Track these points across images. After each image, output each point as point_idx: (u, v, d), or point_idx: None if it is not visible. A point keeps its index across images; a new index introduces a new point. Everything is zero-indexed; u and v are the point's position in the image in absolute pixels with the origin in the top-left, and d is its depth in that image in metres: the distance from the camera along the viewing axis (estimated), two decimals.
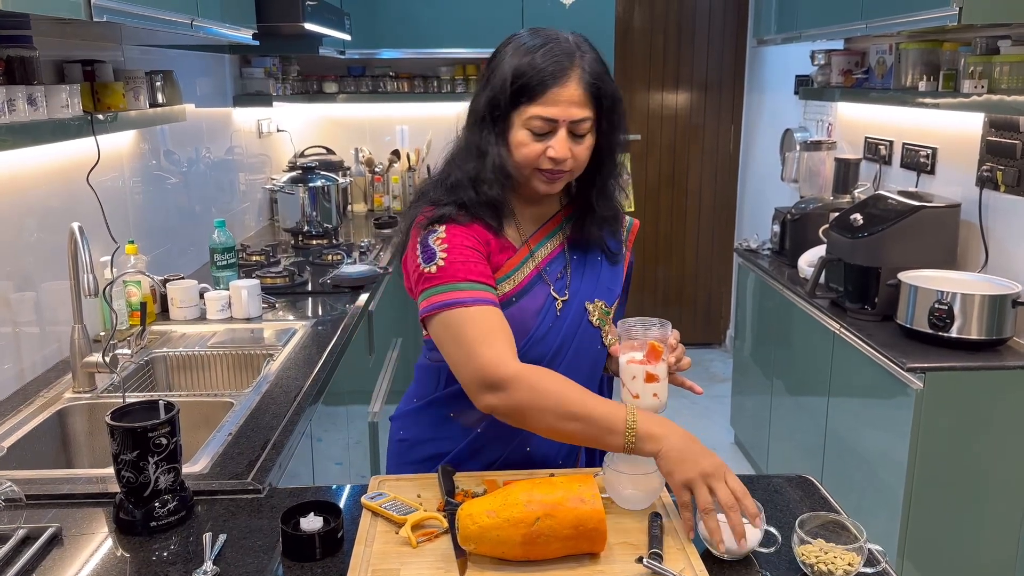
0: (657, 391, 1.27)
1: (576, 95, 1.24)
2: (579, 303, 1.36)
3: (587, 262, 1.39)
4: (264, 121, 3.85)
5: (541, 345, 1.32)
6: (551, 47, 1.25)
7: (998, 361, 2.17)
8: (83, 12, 1.39)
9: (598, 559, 1.13)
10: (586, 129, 1.27)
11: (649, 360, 1.26)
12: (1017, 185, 2.34)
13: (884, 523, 2.29)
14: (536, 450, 1.38)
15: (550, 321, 1.33)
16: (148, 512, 1.24)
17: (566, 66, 1.24)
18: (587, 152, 1.29)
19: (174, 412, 1.25)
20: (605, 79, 1.27)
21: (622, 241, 1.45)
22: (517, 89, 1.25)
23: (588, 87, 1.24)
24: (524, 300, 1.32)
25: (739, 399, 3.70)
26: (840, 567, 1.11)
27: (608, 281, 1.40)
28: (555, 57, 1.24)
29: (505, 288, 1.31)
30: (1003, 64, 2.21)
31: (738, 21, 4.73)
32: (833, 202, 3.08)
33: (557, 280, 1.35)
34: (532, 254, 1.35)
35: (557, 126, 1.25)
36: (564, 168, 1.28)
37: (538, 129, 1.25)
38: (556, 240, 1.38)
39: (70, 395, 1.82)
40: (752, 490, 1.36)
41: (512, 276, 1.32)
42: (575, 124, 1.25)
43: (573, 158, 1.27)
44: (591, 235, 1.38)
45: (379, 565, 1.11)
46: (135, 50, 2.48)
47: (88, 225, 1.78)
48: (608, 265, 1.40)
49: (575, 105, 1.24)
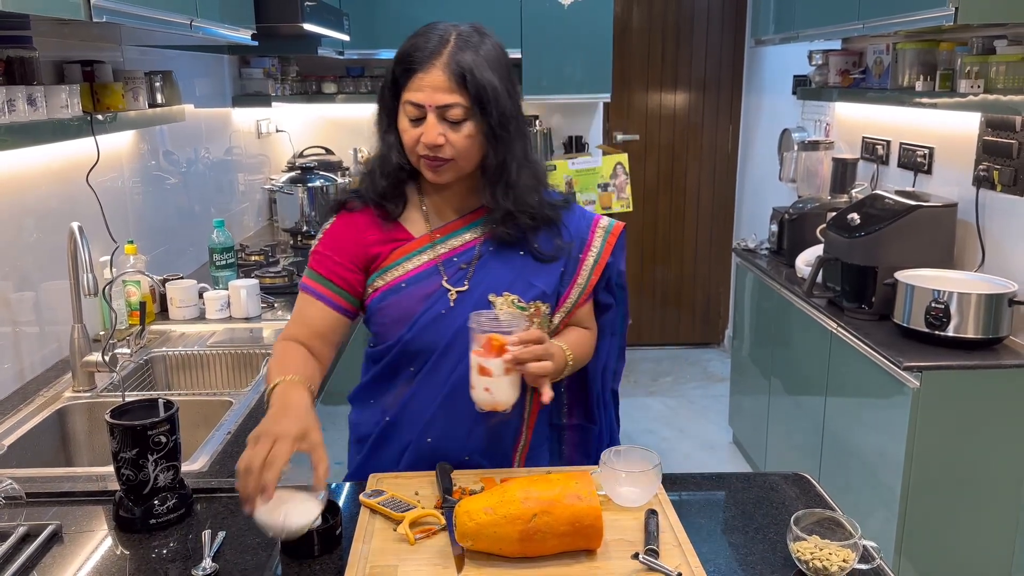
0: (489, 386, 1.25)
1: (439, 81, 1.26)
2: (481, 295, 1.36)
3: (501, 257, 1.38)
4: (263, 121, 3.85)
5: (430, 332, 1.35)
6: (426, 35, 1.29)
7: (994, 360, 2.18)
8: (83, 13, 1.40)
9: (595, 555, 1.13)
10: (458, 115, 1.27)
11: (485, 353, 1.24)
12: (1013, 184, 2.35)
13: (881, 521, 2.30)
14: (437, 442, 1.39)
15: (440, 309, 1.35)
16: (147, 510, 1.25)
17: (432, 53, 1.27)
18: (467, 140, 1.29)
19: (173, 410, 1.26)
20: (480, 68, 1.27)
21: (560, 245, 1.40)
22: (394, 77, 1.31)
23: (454, 74, 1.26)
24: (413, 287, 1.36)
25: (737, 398, 3.71)
26: (835, 563, 1.12)
27: (530, 276, 1.38)
28: (425, 45, 1.28)
29: (395, 274, 1.37)
30: (999, 64, 2.22)
31: (736, 21, 4.74)
32: (831, 202, 3.09)
33: (459, 271, 1.37)
34: (433, 244, 1.38)
35: (425, 111, 1.27)
36: (443, 155, 1.29)
37: (411, 115, 1.29)
38: (474, 233, 1.39)
39: (70, 394, 1.83)
40: (749, 488, 1.38)
41: (402, 264, 1.37)
42: (444, 110, 1.27)
43: (450, 144, 1.29)
44: (508, 232, 1.37)
45: (377, 562, 1.12)
46: (134, 51, 2.49)
47: (87, 225, 1.79)
48: (532, 261, 1.39)
49: (440, 91, 1.26)
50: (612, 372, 1.55)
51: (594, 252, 1.44)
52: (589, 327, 1.49)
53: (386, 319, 1.38)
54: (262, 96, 3.64)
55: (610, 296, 1.50)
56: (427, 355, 1.37)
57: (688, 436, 3.97)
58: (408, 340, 1.36)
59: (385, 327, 1.39)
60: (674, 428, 4.05)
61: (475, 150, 1.32)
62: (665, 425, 4.08)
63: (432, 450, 1.39)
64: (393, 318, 1.37)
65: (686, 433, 4.00)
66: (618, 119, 4.85)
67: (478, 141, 1.31)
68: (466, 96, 1.27)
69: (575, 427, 1.55)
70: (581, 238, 1.44)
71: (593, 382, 1.52)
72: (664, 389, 4.51)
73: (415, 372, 1.38)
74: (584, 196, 4.09)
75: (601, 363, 1.52)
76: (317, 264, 1.39)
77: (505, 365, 1.23)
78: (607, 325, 1.51)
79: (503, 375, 1.24)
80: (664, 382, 4.61)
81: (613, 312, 1.51)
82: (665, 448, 3.82)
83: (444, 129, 1.28)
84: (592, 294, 1.46)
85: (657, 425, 4.07)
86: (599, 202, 4.10)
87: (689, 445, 3.88)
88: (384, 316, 1.38)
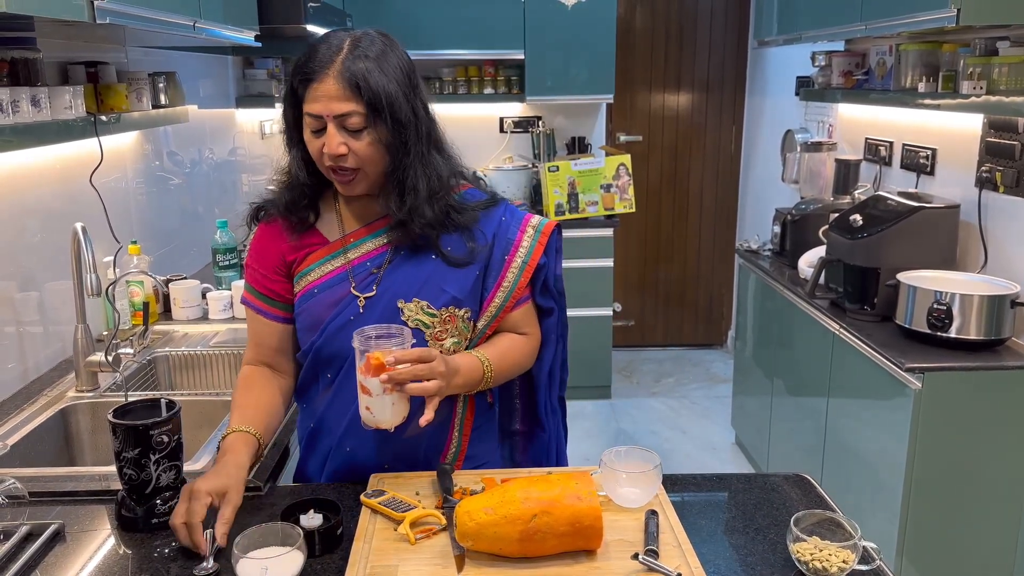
0: (370, 404, 1.23)
1: (334, 90, 1.24)
2: (389, 301, 1.34)
3: (412, 261, 1.35)
4: (267, 122, 3.86)
5: (339, 339, 1.34)
6: (320, 47, 1.27)
7: (996, 361, 2.18)
8: (86, 14, 1.40)
9: (595, 556, 1.14)
10: (357, 124, 1.25)
11: (364, 371, 1.21)
12: (1016, 186, 2.34)
13: (883, 522, 2.30)
14: (355, 450, 1.39)
15: (349, 315, 1.34)
16: (150, 509, 1.25)
17: (325, 62, 1.24)
18: (369, 148, 1.27)
19: (175, 410, 1.26)
20: (373, 75, 1.24)
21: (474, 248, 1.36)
22: (292, 91, 1.29)
23: (347, 82, 1.23)
24: (324, 293, 1.36)
25: (740, 399, 3.71)
26: (835, 564, 1.12)
27: (440, 281, 1.35)
28: (318, 56, 1.26)
29: (309, 279, 1.37)
30: (1002, 65, 2.22)
31: (739, 22, 4.74)
32: (833, 203, 3.09)
33: (369, 276, 1.35)
34: (345, 250, 1.37)
35: (325, 122, 1.26)
36: (348, 165, 1.27)
37: (312, 126, 1.28)
38: (381, 239, 1.37)
39: (73, 394, 1.84)
40: (749, 489, 1.39)
41: (316, 269, 1.37)
42: (342, 118, 1.25)
43: (353, 153, 1.26)
44: (414, 236, 1.33)
45: (377, 562, 1.12)
46: (138, 51, 2.49)
47: (91, 225, 1.80)
48: (444, 265, 1.35)
49: (335, 100, 1.24)
50: (558, 380, 1.53)
51: (522, 253, 1.39)
52: (528, 332, 1.44)
53: (301, 325, 1.39)
54: (265, 97, 3.64)
55: (550, 300, 1.45)
56: (339, 362, 1.36)
57: (690, 437, 3.97)
58: (319, 347, 1.36)
59: (301, 332, 1.40)
60: (676, 429, 4.05)
61: (379, 157, 1.28)
62: (667, 426, 4.08)
63: (350, 458, 1.39)
64: (306, 324, 1.37)
65: (688, 434, 4.00)
66: (621, 120, 4.85)
67: (381, 148, 1.28)
68: (362, 104, 1.24)
69: (526, 434, 1.55)
70: (507, 239, 1.39)
71: (539, 389, 1.50)
72: (667, 390, 4.51)
73: (331, 379, 1.38)
74: (587, 197, 4.10)
75: (546, 370, 1.49)
76: (250, 278, 1.42)
77: (383, 385, 1.20)
78: (549, 331, 1.47)
79: (382, 394, 1.21)
80: (667, 383, 4.61)
81: (554, 318, 1.47)
82: (667, 449, 3.82)
83: (345, 138, 1.25)
84: (527, 297, 1.42)
85: (659, 426, 4.08)
86: (602, 203, 4.10)
87: (691, 446, 3.88)
88: (300, 322, 1.39)
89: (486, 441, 1.48)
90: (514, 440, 1.55)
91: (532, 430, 1.54)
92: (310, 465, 1.46)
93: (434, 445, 1.41)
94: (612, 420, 4.13)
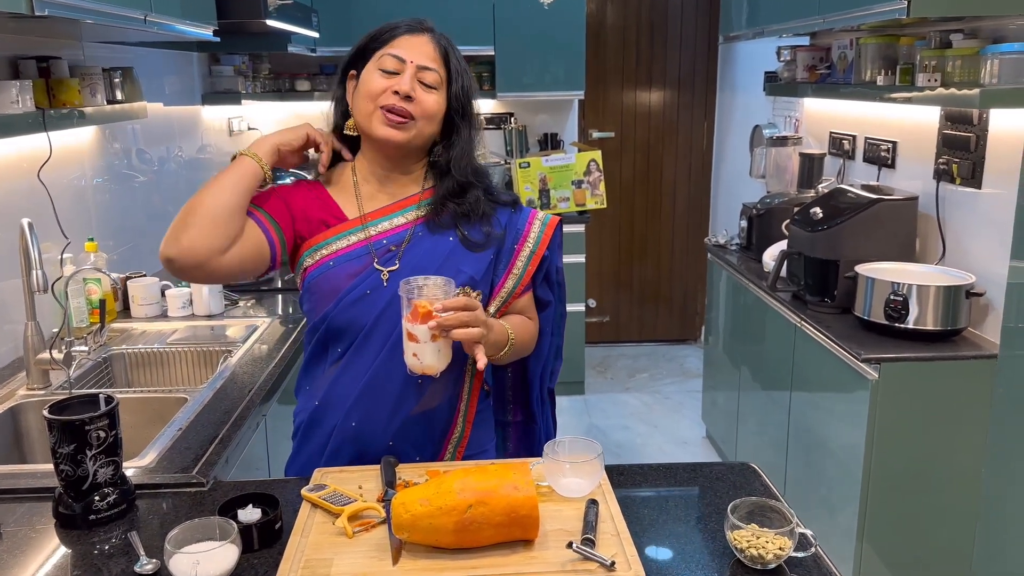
0: (417, 351, 1.27)
1: (427, 46, 1.37)
2: (407, 275, 1.36)
3: (432, 240, 1.41)
4: (235, 119, 3.84)
5: (355, 310, 1.37)
6: (405, 20, 1.40)
7: (952, 351, 2.20)
8: (24, 6, 1.38)
9: (532, 546, 1.14)
10: (435, 81, 1.36)
11: (412, 319, 1.26)
12: (972, 178, 2.36)
13: (845, 509, 2.32)
14: (361, 425, 1.40)
15: (368, 287, 1.37)
16: (87, 506, 1.24)
17: (417, 28, 1.39)
18: (435, 106, 1.36)
19: (113, 405, 1.25)
20: (458, 54, 1.40)
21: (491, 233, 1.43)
22: (368, 43, 1.39)
23: (438, 46, 1.38)
24: (341, 267, 1.38)
25: (710, 394, 3.72)
26: (771, 551, 1.12)
27: (459, 261, 1.40)
28: (407, 22, 1.40)
29: (323, 253, 1.39)
30: (955, 58, 2.24)
31: (710, 19, 4.75)
32: (797, 197, 3.11)
33: (389, 252, 1.39)
34: (365, 227, 1.41)
35: (405, 66, 1.34)
36: (409, 110, 1.33)
37: (388, 67, 1.35)
38: (406, 217, 1.42)
39: (24, 392, 1.82)
40: (695, 479, 1.39)
41: (332, 243, 1.40)
42: (423, 72, 1.35)
43: (418, 103, 1.34)
44: (444, 220, 1.41)
45: (313, 555, 1.11)
46: (100, 48, 2.47)
47: (41, 222, 1.78)
48: (462, 248, 1.41)
49: (424, 53, 1.36)
50: (550, 371, 1.58)
51: (531, 243, 1.46)
52: (532, 318, 1.50)
53: (315, 295, 1.40)
54: (232, 94, 3.62)
55: (549, 292, 1.52)
56: (353, 334, 1.38)
57: (662, 432, 3.98)
58: (333, 316, 1.38)
59: (314, 303, 1.41)
60: (648, 424, 4.06)
61: (436, 120, 1.38)
62: (640, 421, 4.09)
63: (356, 434, 1.40)
64: (323, 292, 1.39)
65: (660, 429, 4.01)
66: (594, 116, 4.86)
67: (439, 116, 1.38)
68: (444, 70, 1.37)
69: (519, 424, 1.58)
70: (517, 229, 1.47)
71: (533, 380, 1.55)
72: (640, 385, 4.52)
73: (342, 352, 1.40)
74: (558, 193, 4.10)
75: (541, 361, 1.54)
76: (265, 199, 1.43)
77: (431, 331, 1.25)
78: (546, 323, 1.53)
79: (429, 341, 1.26)
80: (640, 378, 4.62)
81: (551, 310, 1.53)
82: (639, 444, 3.83)
83: (417, 87, 1.34)
84: (531, 285, 1.48)
85: (632, 421, 4.09)
86: (573, 199, 4.10)
87: (662, 440, 3.89)
88: (314, 292, 1.40)
89: (484, 428, 1.52)
90: (507, 431, 1.59)
91: (524, 421, 1.58)
92: (311, 447, 1.44)
93: (442, 427, 1.43)
94: (585, 415, 4.14)
